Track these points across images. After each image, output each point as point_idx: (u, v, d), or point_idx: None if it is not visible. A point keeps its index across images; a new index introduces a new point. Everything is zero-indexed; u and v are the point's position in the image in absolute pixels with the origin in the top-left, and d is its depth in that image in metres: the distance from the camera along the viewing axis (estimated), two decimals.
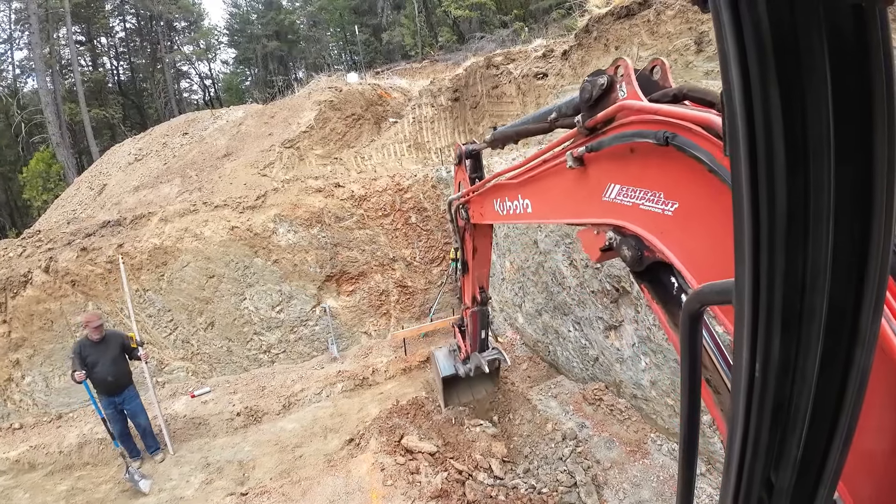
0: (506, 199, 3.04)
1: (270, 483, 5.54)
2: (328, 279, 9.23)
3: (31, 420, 8.31)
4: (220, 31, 48.90)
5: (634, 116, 1.61)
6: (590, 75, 1.83)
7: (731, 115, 0.56)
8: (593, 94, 1.80)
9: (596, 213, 1.94)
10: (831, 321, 0.57)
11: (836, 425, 0.63)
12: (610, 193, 1.81)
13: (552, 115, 2.22)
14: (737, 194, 0.59)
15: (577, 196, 2.09)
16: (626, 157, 1.69)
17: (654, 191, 1.57)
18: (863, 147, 0.52)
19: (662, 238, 1.55)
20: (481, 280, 5.01)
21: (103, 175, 15.39)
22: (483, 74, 11.85)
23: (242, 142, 13.27)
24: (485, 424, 6.02)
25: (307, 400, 7.68)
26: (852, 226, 0.54)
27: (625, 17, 8.09)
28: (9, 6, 33.45)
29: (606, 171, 1.84)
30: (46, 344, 8.41)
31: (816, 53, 0.49)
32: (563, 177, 2.19)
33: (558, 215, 2.42)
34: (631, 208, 1.69)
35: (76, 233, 9.31)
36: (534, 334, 7.48)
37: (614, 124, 1.73)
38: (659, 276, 1.73)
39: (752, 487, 0.69)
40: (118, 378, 6.44)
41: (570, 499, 4.53)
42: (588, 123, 1.84)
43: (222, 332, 8.70)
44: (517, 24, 26.69)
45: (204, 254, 8.52)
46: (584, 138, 1.92)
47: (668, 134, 1.39)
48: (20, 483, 6.90)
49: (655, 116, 1.49)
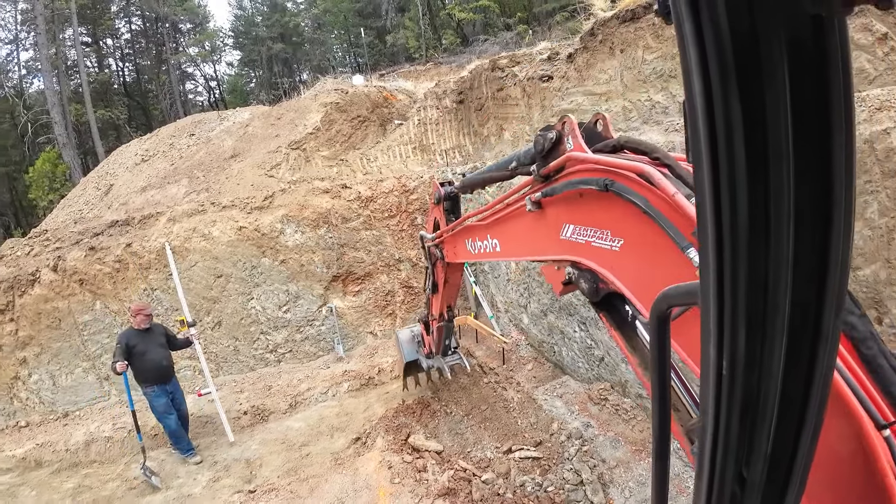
0: (476, 239, 3.25)
1: (278, 481, 5.59)
2: (334, 279, 9.28)
3: (38, 418, 8.36)
4: (225, 32, 49.13)
5: (580, 166, 1.81)
6: (540, 130, 2.06)
7: (693, 123, 0.56)
8: (545, 147, 2.02)
9: (555, 250, 2.13)
10: (794, 319, 0.59)
11: (803, 419, 0.64)
12: (566, 233, 1.99)
13: (512, 163, 2.44)
14: (700, 199, 0.59)
15: (538, 235, 2.28)
16: (576, 200, 1.88)
17: (603, 229, 1.74)
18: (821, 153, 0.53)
19: (613, 271, 1.71)
20: (449, 300, 5.20)
21: (110, 175, 15.48)
22: (488, 77, 11.91)
23: (249, 143, 13.35)
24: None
25: (313, 399, 7.72)
26: (813, 228, 0.55)
27: (630, 20, 8.15)
28: (15, 7, 33.69)
29: (561, 213, 2.02)
30: (54, 342, 8.47)
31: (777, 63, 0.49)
32: (524, 219, 2.39)
33: (523, 253, 2.65)
34: (584, 245, 1.87)
35: (84, 232, 9.39)
36: (539, 335, 7.51)
37: (564, 172, 1.93)
38: (615, 305, 1.92)
39: (724, 483, 0.71)
40: (170, 363, 6.53)
41: (576, 497, 4.56)
42: (542, 172, 2.05)
43: (229, 332, 8.75)
44: (521, 26, 26.80)
45: (212, 254, 8.58)
46: (539, 185, 2.12)
47: (608, 181, 1.60)
48: (26, 481, 6.93)
49: (597, 165, 1.70)
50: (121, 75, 42.52)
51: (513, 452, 5.31)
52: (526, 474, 4.93)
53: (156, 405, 6.35)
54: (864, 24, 5.15)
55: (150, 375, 6.31)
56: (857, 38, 5.14)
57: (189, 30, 45.65)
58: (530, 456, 5.18)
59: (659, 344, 0.89)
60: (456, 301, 5.44)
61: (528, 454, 5.22)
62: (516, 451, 5.32)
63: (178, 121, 18.90)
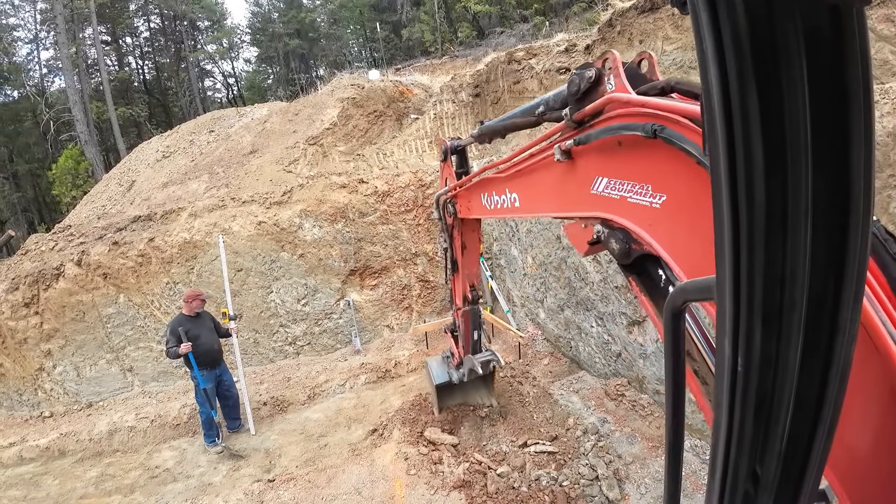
0: (493, 194, 3.01)
1: (296, 470, 5.68)
2: (352, 273, 9.36)
3: (62, 409, 8.59)
4: (243, 29, 49.57)
5: (622, 109, 1.60)
6: (577, 68, 1.81)
7: (709, 114, 0.56)
8: (581, 87, 1.79)
9: (584, 206, 1.94)
10: (811, 314, 0.58)
11: (818, 417, 0.63)
12: (598, 187, 1.81)
13: (540, 108, 2.19)
14: (716, 193, 0.59)
15: (565, 189, 2.08)
16: (614, 150, 1.68)
17: (642, 183, 1.57)
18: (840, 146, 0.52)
19: (650, 231, 1.55)
20: (471, 278, 4.92)
21: (132, 172, 15.76)
22: (504, 70, 11.85)
23: (267, 139, 13.48)
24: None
25: (331, 391, 7.82)
26: (830, 222, 0.54)
27: (648, 10, 8.03)
28: (34, 7, 34.31)
29: (594, 164, 1.83)
30: (78, 335, 8.68)
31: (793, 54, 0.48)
32: (550, 170, 2.18)
33: (546, 209, 2.39)
34: (619, 201, 1.69)
35: (108, 227, 9.59)
36: (555, 330, 7.49)
37: (602, 117, 1.72)
38: (647, 269, 1.74)
39: (738, 480, 0.70)
40: (219, 348, 6.73)
41: (591, 492, 4.56)
42: (576, 117, 1.82)
43: (249, 325, 8.89)
44: (537, 18, 26.53)
45: (232, 248, 8.71)
46: (571, 131, 1.90)
47: (657, 126, 1.39)
48: (49, 470, 7.12)
49: (644, 109, 1.48)
50: (140, 73, 43.20)
51: (528, 446, 5.32)
52: (541, 468, 4.94)
53: (207, 387, 6.54)
54: (887, 15, 5.01)
55: (202, 359, 6.48)
56: (880, 29, 5.00)
57: (207, 27, 46.14)
58: (546, 450, 5.19)
59: (673, 338, 0.88)
60: (479, 280, 5.23)
61: (544, 448, 5.22)
62: (532, 445, 5.33)
63: (198, 118, 19.13)
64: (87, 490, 6.48)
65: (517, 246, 8.30)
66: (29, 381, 8.72)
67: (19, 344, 8.60)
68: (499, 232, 8.96)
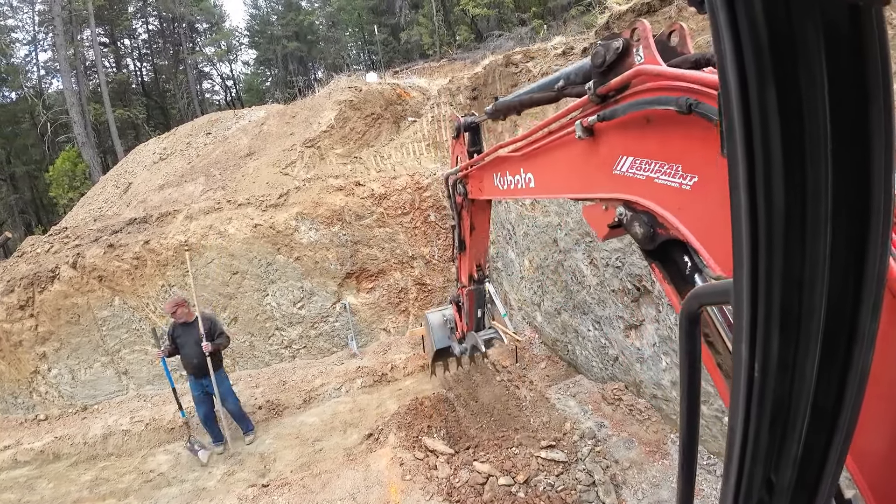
0: (506, 174, 2.84)
1: (291, 475, 5.64)
2: (348, 276, 9.33)
3: (57, 412, 8.55)
4: (241, 32, 49.59)
5: (653, 83, 1.48)
6: (603, 38, 1.68)
7: (728, 115, 0.55)
8: (607, 59, 1.66)
9: (606, 187, 1.82)
10: (830, 321, 0.57)
11: (835, 424, 0.63)
12: (622, 166, 1.69)
13: (559, 82, 2.06)
14: (734, 195, 0.58)
15: (586, 169, 1.95)
16: (641, 127, 1.57)
17: (672, 163, 1.46)
18: (860, 147, 0.51)
19: (679, 215, 1.45)
20: (478, 258, 4.78)
21: (128, 174, 15.73)
22: (502, 73, 11.84)
23: (264, 141, 13.46)
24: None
25: (327, 395, 7.78)
26: (850, 226, 0.54)
27: (646, 13, 8.03)
28: (33, 8, 34.32)
29: (619, 142, 1.72)
30: (73, 338, 8.64)
31: (813, 53, 0.48)
32: (570, 149, 2.04)
33: (564, 190, 2.24)
34: (645, 182, 1.59)
35: (103, 230, 9.55)
36: (552, 333, 7.47)
37: (629, 91, 1.60)
38: (671, 255, 1.62)
39: (752, 487, 0.69)
40: (201, 361, 6.41)
41: (588, 498, 4.52)
42: (600, 90, 1.69)
43: (245, 328, 8.85)
44: (535, 21, 26.56)
45: (228, 251, 8.67)
46: (595, 107, 1.77)
47: (692, 101, 1.28)
48: (44, 473, 7.08)
49: (677, 83, 1.36)
50: (139, 75, 43.18)
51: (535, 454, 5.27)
52: (542, 472, 4.91)
53: (193, 394, 6.65)
54: None
55: (187, 369, 6.59)
56: None
57: (205, 29, 46.18)
58: (554, 458, 5.15)
59: (689, 344, 0.87)
60: (486, 259, 5.10)
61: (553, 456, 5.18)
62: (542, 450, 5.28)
63: (195, 120, 19.10)
64: (82, 494, 6.45)
65: (514, 249, 8.28)
66: (24, 383, 8.67)
67: (14, 346, 8.55)
68: (496, 235, 8.94)
